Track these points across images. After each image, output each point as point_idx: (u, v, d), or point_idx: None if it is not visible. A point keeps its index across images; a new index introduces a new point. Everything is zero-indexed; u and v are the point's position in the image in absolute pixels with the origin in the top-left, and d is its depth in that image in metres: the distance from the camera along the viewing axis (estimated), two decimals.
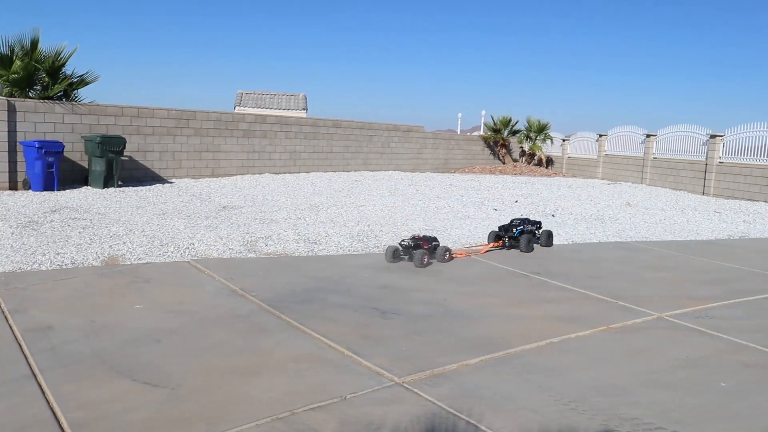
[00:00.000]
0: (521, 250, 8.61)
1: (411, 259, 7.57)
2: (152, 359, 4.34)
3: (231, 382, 3.99)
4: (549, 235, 9.18)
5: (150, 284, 6.21)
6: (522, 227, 8.87)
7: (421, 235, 7.80)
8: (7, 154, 12.97)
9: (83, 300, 5.65)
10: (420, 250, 7.42)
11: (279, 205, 12.29)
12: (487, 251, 8.49)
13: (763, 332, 5.45)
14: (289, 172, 19.06)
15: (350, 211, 11.74)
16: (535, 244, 9.01)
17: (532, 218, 9.97)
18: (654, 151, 22.19)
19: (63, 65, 14.70)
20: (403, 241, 7.69)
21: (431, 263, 7.55)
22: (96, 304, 5.52)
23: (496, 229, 9.09)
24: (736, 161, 18.92)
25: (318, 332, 4.95)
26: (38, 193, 12.55)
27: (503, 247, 8.80)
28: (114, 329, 4.91)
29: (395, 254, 7.60)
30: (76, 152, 14.20)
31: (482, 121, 28.56)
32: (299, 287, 6.26)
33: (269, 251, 7.95)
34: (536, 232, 9.16)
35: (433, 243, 7.80)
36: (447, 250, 7.75)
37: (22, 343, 4.57)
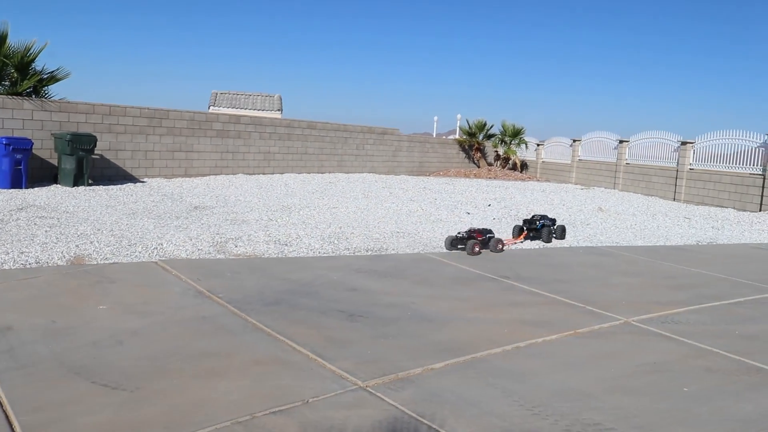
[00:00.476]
0: (543, 241, 10.11)
1: (464, 247, 8.66)
2: (113, 361, 4.27)
3: (192, 385, 3.93)
4: (563, 229, 10.57)
5: (115, 285, 6.11)
6: (543, 222, 10.27)
7: (477, 228, 9.11)
8: None
9: (46, 300, 5.54)
10: (471, 240, 8.51)
11: (251, 206, 12.21)
12: (514, 243, 9.86)
13: (726, 337, 5.50)
14: (263, 173, 18.95)
15: (323, 213, 11.69)
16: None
17: (549, 216, 11.60)
18: (627, 157, 22.42)
19: (32, 61, 14.46)
20: (459, 233, 8.93)
21: (480, 253, 8.56)
22: (59, 305, 5.42)
23: (520, 223, 10.56)
24: (706, 168, 19.19)
25: (284, 335, 4.90)
26: (5, 190, 12.33)
27: (526, 238, 10.16)
28: (76, 330, 4.82)
29: (453, 243, 8.73)
30: (45, 150, 13.98)
31: (458, 124, 28.67)
32: (267, 289, 6.20)
33: (239, 252, 7.88)
34: (552, 226, 10.43)
35: (488, 235, 8.89)
36: (499, 241, 8.89)
37: None
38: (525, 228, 10.15)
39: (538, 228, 10.15)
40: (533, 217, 10.43)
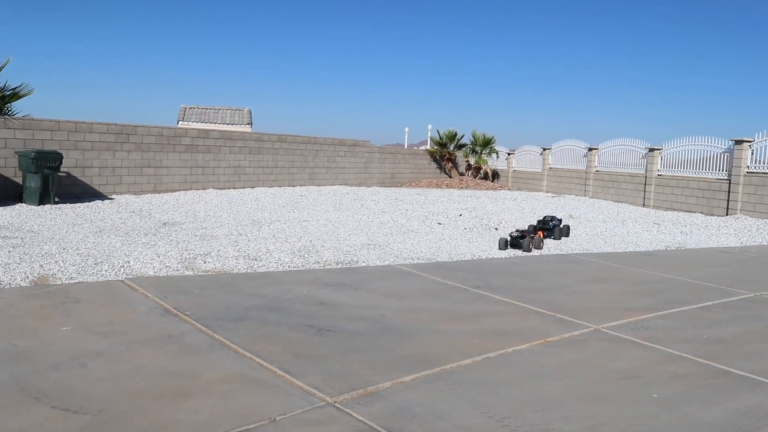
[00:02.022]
0: (554, 238, 11.51)
1: (517, 246, 10.18)
2: (75, 384, 4.16)
3: (156, 406, 3.84)
4: (568, 228, 12.06)
5: (80, 305, 5.99)
6: (554, 222, 11.69)
7: (523, 229, 10.91)
8: None
9: (6, 322, 5.40)
10: (527, 239, 10.12)
11: (221, 221, 12.09)
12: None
13: (695, 342, 5.54)
14: (234, 188, 18.83)
15: (293, 227, 11.62)
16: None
17: (557, 216, 13.42)
18: (596, 164, 22.65)
19: None
20: (511, 233, 10.46)
21: (532, 249, 10.16)
22: (20, 327, 5.29)
23: (535, 223, 12.13)
24: (674, 174, 19.45)
25: (251, 351, 4.83)
26: None
27: (545, 236, 11.43)
28: (36, 353, 4.70)
29: (506, 244, 10.20)
30: (9, 168, 13.75)
31: (429, 135, 28.76)
32: (235, 305, 6.12)
33: (207, 269, 7.78)
34: (560, 225, 11.78)
35: (531, 235, 10.59)
36: (542, 239, 10.60)
37: None
38: (539, 227, 11.58)
39: (551, 228, 11.60)
40: (545, 218, 11.89)
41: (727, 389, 4.47)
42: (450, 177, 27.03)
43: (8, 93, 14.61)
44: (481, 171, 27.77)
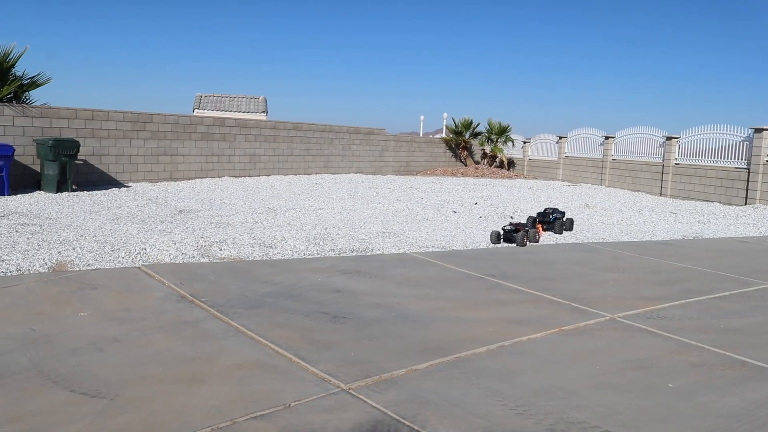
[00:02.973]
0: (555, 232, 10.78)
1: (511, 240, 9.51)
2: (93, 369, 4.21)
3: (172, 391, 3.88)
4: (571, 221, 11.28)
5: (97, 291, 6.04)
6: (555, 215, 11.04)
7: (517, 222, 10.20)
8: None
9: (25, 308, 5.46)
10: (521, 233, 9.38)
11: (236, 208, 12.14)
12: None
13: (711, 332, 5.50)
14: (249, 176, 18.88)
15: (308, 215, 11.64)
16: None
17: (560, 208, 12.45)
18: (613, 153, 22.49)
19: (12, 66, 14.36)
20: (505, 226, 9.78)
21: (527, 244, 9.48)
22: (38, 312, 5.35)
23: (534, 215, 11.35)
24: (692, 162, 19.27)
25: (266, 338, 4.86)
26: None
27: (545, 230, 10.89)
28: (55, 338, 4.76)
29: (498, 237, 9.55)
30: (28, 156, 13.87)
31: (444, 123, 28.66)
32: (250, 292, 6.15)
33: (223, 256, 7.82)
34: (562, 218, 11.09)
35: (526, 228, 9.75)
36: (537, 232, 9.88)
37: None
38: (539, 220, 10.94)
39: (551, 221, 10.92)
40: (546, 210, 11.30)
41: (744, 379, 4.44)
42: (465, 165, 26.95)
43: (26, 82, 14.72)
44: (497, 159, 27.66)
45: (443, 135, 28.33)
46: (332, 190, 16.54)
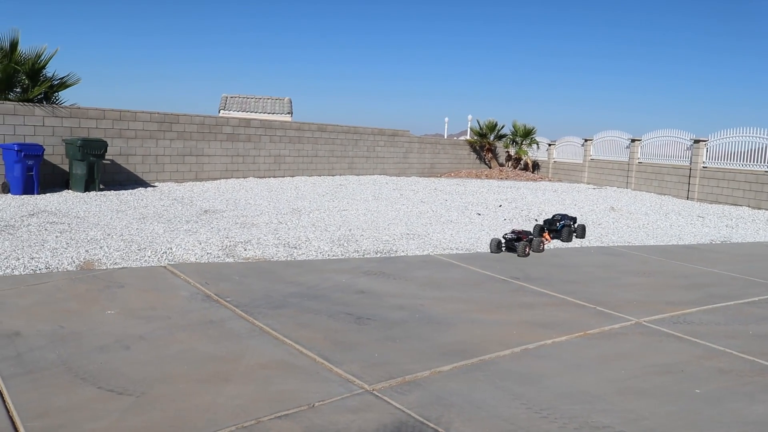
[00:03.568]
0: (562, 240, 10.14)
1: (512, 249, 8.74)
2: (119, 366, 4.26)
3: (198, 390, 3.91)
4: (583, 228, 10.60)
5: (124, 289, 6.12)
6: (565, 221, 10.37)
7: (520, 230, 9.04)
8: None
9: (54, 305, 5.55)
10: (523, 242, 8.62)
11: (261, 209, 12.21)
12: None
13: (739, 338, 5.43)
14: (274, 176, 18.98)
15: (332, 216, 11.67)
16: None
17: (570, 214, 11.43)
18: (639, 156, 22.26)
19: (43, 67, 14.56)
20: (506, 234, 8.92)
21: (530, 254, 8.75)
22: (67, 310, 5.43)
23: (541, 223, 10.84)
24: (720, 166, 19.00)
25: (290, 338, 4.88)
26: (17, 196, 12.40)
27: (552, 238, 10.26)
28: (83, 335, 4.82)
29: (498, 246, 8.79)
30: (56, 155, 14.06)
31: (468, 125, 28.58)
32: (275, 293, 6.19)
33: (248, 256, 7.87)
34: (573, 225, 10.53)
35: (530, 236, 8.98)
36: (541, 242, 9.06)
37: None
38: (546, 228, 10.31)
39: (558, 229, 10.26)
40: (554, 216, 10.57)
41: None
42: (490, 168, 26.85)
43: (56, 82, 14.93)
44: (521, 162, 27.52)
45: (468, 137, 28.25)
46: (356, 191, 16.57)
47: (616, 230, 11.80)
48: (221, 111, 27.80)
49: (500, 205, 14.93)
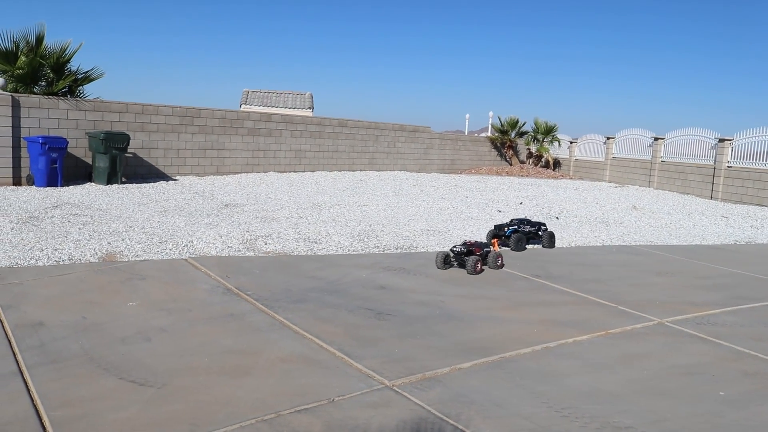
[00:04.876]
0: (512, 249, 8.67)
1: (462, 265, 7.30)
2: (141, 357, 4.29)
3: (218, 382, 3.93)
4: (551, 236, 9.16)
5: (145, 282, 6.16)
6: (522, 227, 9.00)
7: (472, 241, 7.52)
8: (11, 149, 12.97)
9: (77, 296, 5.60)
10: (473, 257, 7.18)
11: (281, 203, 12.24)
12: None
13: (765, 340, 5.35)
14: (294, 171, 19.02)
15: (353, 211, 11.68)
16: (536, 245, 9.19)
17: (534, 219, 9.91)
18: (662, 155, 22.03)
19: (68, 61, 14.71)
20: (454, 247, 7.39)
21: (483, 270, 7.33)
22: (89, 301, 5.48)
23: (493, 228, 9.32)
24: (746, 165, 18.75)
25: (311, 332, 4.88)
26: (41, 188, 12.54)
27: (499, 245, 8.61)
28: (105, 326, 4.86)
29: (446, 260, 7.36)
30: (80, 148, 14.19)
31: (490, 122, 28.47)
32: (295, 287, 6.20)
33: (268, 250, 7.89)
34: (539, 233, 9.18)
35: (485, 249, 7.54)
36: (499, 255, 7.51)
37: (12, 339, 4.53)
38: (494, 234, 8.98)
39: (506, 234, 8.90)
40: (512, 221, 9.24)
41: None
42: (510, 165, 26.73)
43: (80, 76, 15.06)
44: (543, 159, 27.36)
45: (489, 134, 28.14)
46: (377, 187, 16.56)
47: (638, 229, 11.69)
48: (242, 105, 27.89)
49: (521, 203, 14.85)
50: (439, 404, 3.73)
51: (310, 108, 28.71)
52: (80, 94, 15.16)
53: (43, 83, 14.64)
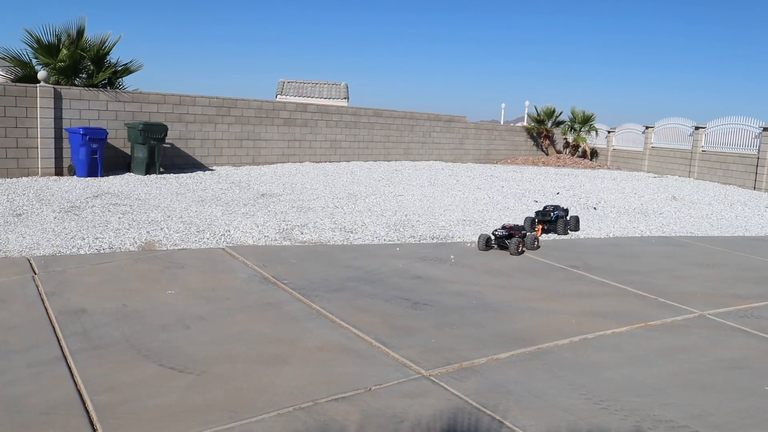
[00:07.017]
0: (558, 233, 9.28)
1: (503, 247, 7.86)
2: (180, 345, 4.35)
3: (256, 370, 3.96)
4: (577, 220, 9.75)
5: (184, 270, 6.23)
6: (557, 212, 9.49)
7: (511, 224, 8.07)
8: (53, 140, 13.21)
9: (118, 284, 5.69)
10: (515, 239, 7.71)
11: (317, 193, 12.29)
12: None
13: None
14: (329, 161, 19.07)
15: (388, 201, 11.67)
16: (572, 234, 9.59)
17: (563, 206, 10.37)
18: (703, 144, 21.59)
19: (107, 53, 14.91)
20: (496, 230, 7.91)
21: (524, 252, 7.82)
22: (129, 289, 5.57)
23: (533, 215, 9.75)
24: None
25: (347, 322, 4.90)
26: (82, 179, 12.77)
27: (544, 231, 9.35)
28: (145, 314, 4.94)
29: (488, 243, 7.90)
30: (119, 139, 14.40)
31: (526, 111, 28.17)
32: (331, 276, 6.22)
33: (304, 239, 7.93)
34: (566, 216, 9.67)
35: (522, 232, 8.08)
36: (536, 238, 8.08)
37: (56, 326, 4.63)
38: (539, 220, 9.39)
39: (552, 220, 9.38)
40: (546, 207, 9.65)
41: None
42: (547, 155, 26.44)
43: (120, 68, 15.28)
44: (579, 149, 27.01)
45: (525, 123, 27.86)
46: (412, 177, 16.53)
47: (678, 220, 11.48)
48: (278, 96, 28.05)
49: (558, 193, 14.70)
50: (477, 395, 3.71)
51: (345, 98, 28.74)
52: (119, 85, 15.37)
53: (83, 75, 14.87)
